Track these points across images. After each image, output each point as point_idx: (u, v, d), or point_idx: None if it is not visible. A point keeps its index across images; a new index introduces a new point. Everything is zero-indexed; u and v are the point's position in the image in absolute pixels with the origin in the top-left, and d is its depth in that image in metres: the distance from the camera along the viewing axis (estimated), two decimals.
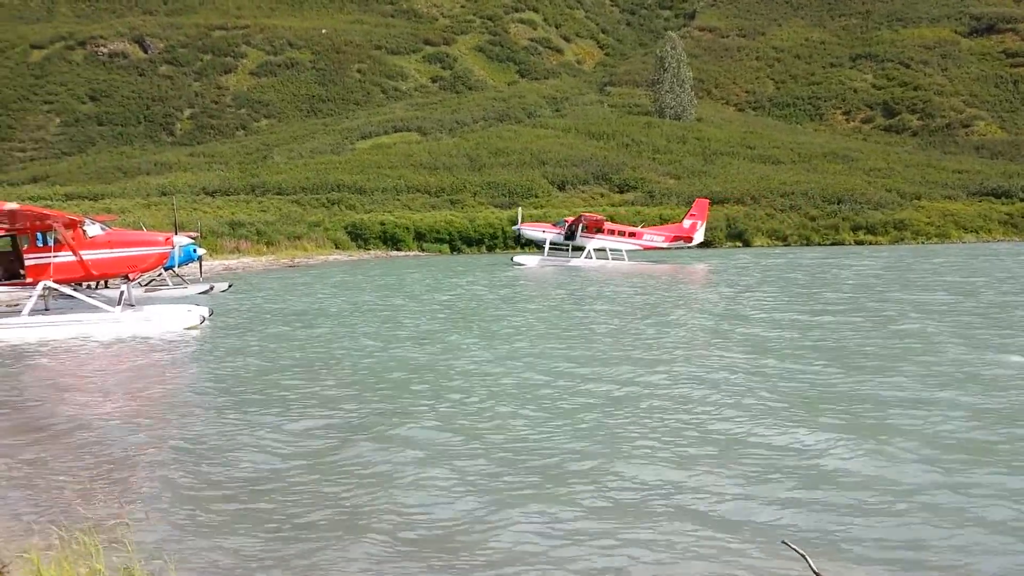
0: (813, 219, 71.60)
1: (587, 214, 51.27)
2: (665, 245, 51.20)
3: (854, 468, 8.92)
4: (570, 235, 49.14)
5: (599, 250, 48.94)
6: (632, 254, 50.08)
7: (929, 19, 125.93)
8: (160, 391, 14.55)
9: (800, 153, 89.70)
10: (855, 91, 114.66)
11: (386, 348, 17.72)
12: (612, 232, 49.87)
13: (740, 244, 69.22)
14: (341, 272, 45.24)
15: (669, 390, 12.84)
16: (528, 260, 48.61)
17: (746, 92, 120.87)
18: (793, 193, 74.52)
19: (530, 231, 51.11)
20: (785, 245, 68.50)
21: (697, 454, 9.51)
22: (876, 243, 68.30)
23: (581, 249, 48.84)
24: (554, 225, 50.53)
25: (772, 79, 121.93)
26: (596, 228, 49.23)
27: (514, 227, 53.42)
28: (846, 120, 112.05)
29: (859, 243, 68.61)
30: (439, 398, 12.64)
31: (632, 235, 50.51)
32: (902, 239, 69.40)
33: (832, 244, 68.32)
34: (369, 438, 10.45)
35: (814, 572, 5.56)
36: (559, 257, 49.52)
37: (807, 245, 68.28)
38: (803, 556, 5.55)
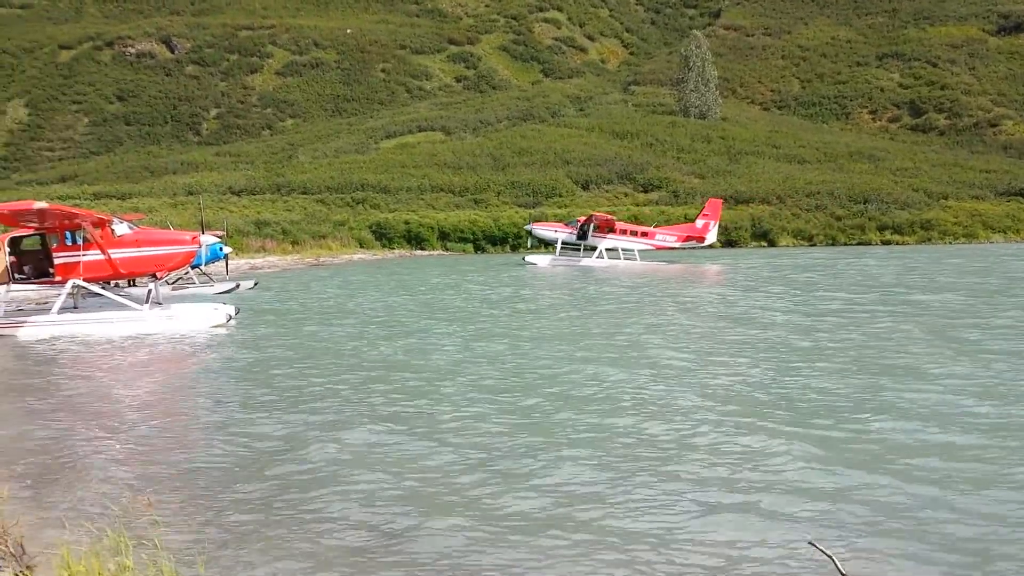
0: (839, 219, 71.05)
1: (598, 214, 51.10)
2: (677, 245, 50.89)
3: (883, 469, 8.84)
4: (582, 235, 49.03)
5: (611, 250, 48.81)
6: (644, 254, 49.90)
7: (956, 17, 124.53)
8: (187, 389, 14.67)
9: (826, 152, 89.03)
10: (882, 90, 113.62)
11: (405, 348, 17.78)
12: (624, 232, 49.68)
13: (765, 244, 68.81)
14: (362, 272, 45.44)
15: (689, 391, 12.79)
16: (540, 259, 48.57)
17: (771, 91, 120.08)
18: (819, 193, 73.97)
19: (542, 231, 51.06)
20: (811, 245, 68.02)
21: (722, 453, 9.47)
22: (903, 243, 67.68)
23: (593, 249, 48.76)
24: (566, 225, 50.44)
25: (798, 78, 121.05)
26: (608, 228, 49.05)
27: (526, 226, 53.51)
28: (872, 119, 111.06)
29: (885, 243, 68.00)
30: (469, 397, 12.66)
31: (644, 235, 50.27)
32: (929, 239, 68.71)
33: (858, 244, 67.75)
34: (396, 435, 10.48)
35: (841, 574, 5.52)
36: (570, 257, 49.43)
37: (833, 245, 67.77)
38: (830, 557, 5.50)
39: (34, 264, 21.93)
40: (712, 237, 50.75)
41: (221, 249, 32.62)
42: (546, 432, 10.58)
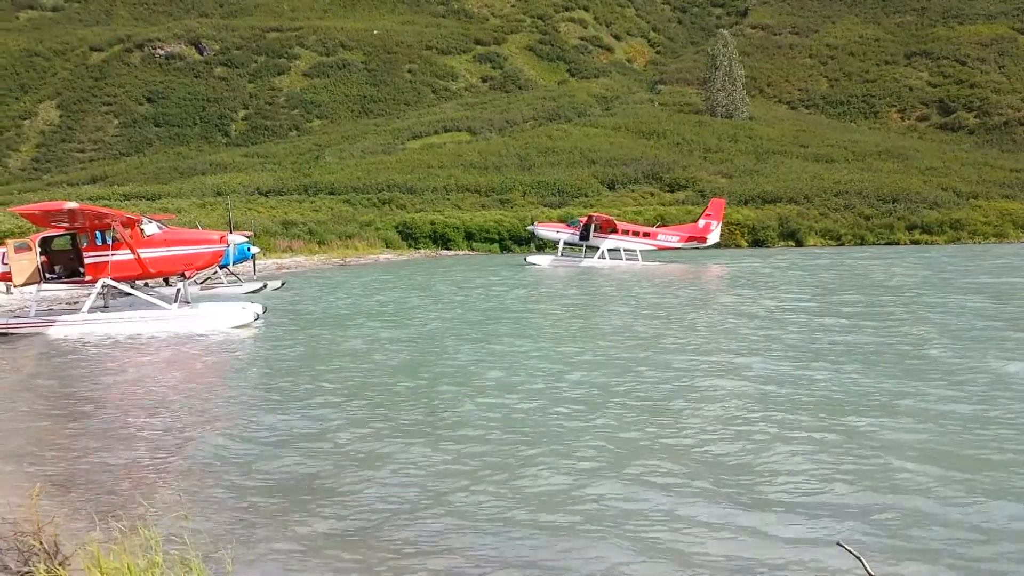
0: (868, 219, 70.39)
1: (598, 214, 50.93)
2: (679, 245, 50.54)
3: (913, 470, 8.75)
4: (584, 235, 48.91)
5: (613, 250, 48.72)
6: (647, 254, 49.67)
7: (985, 15, 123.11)
8: (215, 386, 14.78)
9: (854, 152, 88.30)
10: (910, 89, 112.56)
11: (426, 349, 17.82)
12: (626, 232, 49.46)
13: (793, 244, 68.33)
14: (386, 273, 45.61)
15: (716, 389, 12.72)
16: (541, 260, 48.58)
17: (799, 90, 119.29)
18: (847, 192, 73.36)
19: (544, 231, 51.08)
20: (839, 245, 67.46)
21: (751, 453, 9.41)
22: (932, 243, 67.00)
23: (595, 249, 48.67)
24: (568, 225, 50.37)
25: (826, 77, 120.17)
26: (609, 228, 48.90)
27: (528, 227, 53.36)
28: (901, 118, 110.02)
29: (915, 243, 67.34)
30: (495, 397, 12.66)
31: (646, 235, 50.03)
32: (958, 239, 67.94)
33: (887, 244, 67.13)
34: (423, 434, 10.50)
35: (869, 575, 5.47)
36: (571, 257, 49.37)
37: (861, 245, 67.18)
38: (858, 558, 5.46)
39: (65, 264, 22.17)
40: (715, 237, 50.29)
41: (249, 249, 32.84)
42: (575, 432, 10.56)
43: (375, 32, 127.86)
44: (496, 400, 12.44)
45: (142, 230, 21.84)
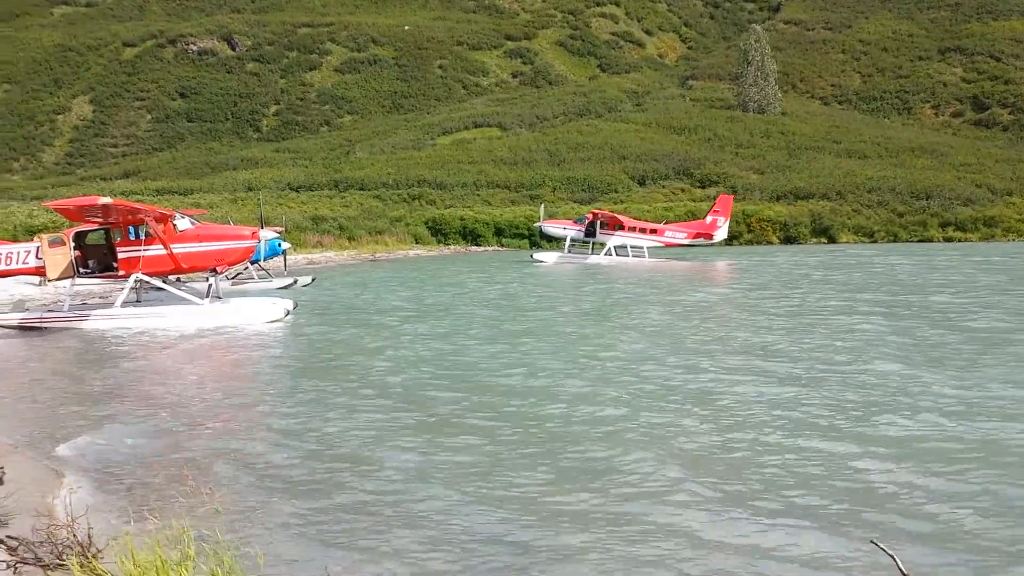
0: (901, 215, 69.61)
1: (602, 211, 50.79)
2: (687, 242, 50.12)
3: (948, 469, 8.62)
4: (590, 232, 48.77)
5: (620, 247, 48.54)
6: (654, 251, 49.37)
7: (1020, 11, 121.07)
8: (246, 381, 14.86)
9: (887, 148, 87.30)
10: (944, 85, 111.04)
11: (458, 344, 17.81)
12: (633, 229, 49.17)
13: (825, 240, 67.70)
14: (415, 268, 45.72)
15: (743, 389, 12.60)
16: (547, 257, 48.53)
17: (832, 86, 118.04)
18: (880, 189, 72.55)
19: (551, 228, 51.03)
20: (872, 241, 66.75)
21: (783, 451, 9.31)
22: (965, 240, 66.15)
23: (602, 246, 48.51)
24: (575, 222, 50.25)
25: (859, 72, 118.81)
26: (616, 225, 48.66)
27: (536, 224, 53.37)
28: (935, 114, 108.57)
29: (948, 240, 66.49)
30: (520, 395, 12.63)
31: (653, 232, 49.64)
32: (992, 236, 66.99)
33: (920, 241, 66.34)
34: (454, 431, 10.49)
35: (903, 573, 5.38)
36: (577, 254, 49.23)
37: (895, 241, 66.44)
38: (892, 557, 5.38)
39: (98, 258, 22.38)
40: (722, 234, 49.82)
41: (280, 245, 33.03)
42: (608, 432, 10.50)
43: (406, 28, 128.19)
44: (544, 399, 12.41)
45: (175, 225, 21.99)
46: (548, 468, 9.02)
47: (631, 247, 48.68)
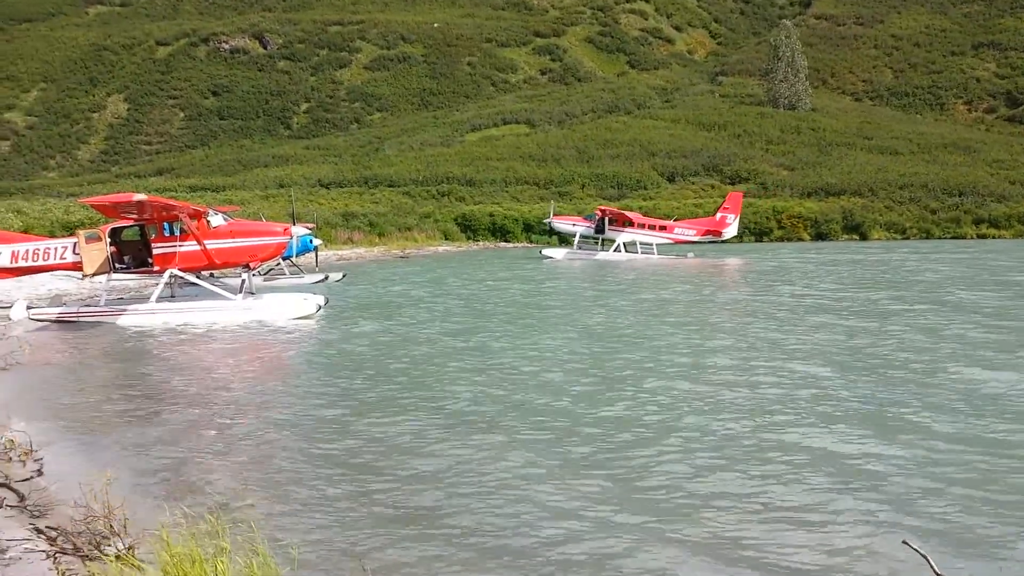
0: (933, 212, 68.87)
1: (608, 208, 50.79)
2: (696, 239, 49.92)
3: (983, 468, 8.53)
4: (599, 228, 48.82)
5: (629, 244, 48.46)
6: (664, 248, 49.19)
7: None
8: (279, 376, 14.99)
9: (920, 144, 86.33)
10: (977, 80, 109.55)
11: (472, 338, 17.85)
12: (643, 226, 49.10)
13: (857, 237, 67.08)
14: (444, 265, 45.83)
15: (769, 389, 12.54)
16: (556, 253, 48.58)
17: (863, 81, 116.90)
18: (912, 185, 71.82)
19: (561, 224, 51.30)
20: (904, 238, 66.05)
21: (814, 451, 9.26)
22: (999, 236, 65.33)
23: (612, 242, 48.46)
24: (585, 219, 50.24)
25: (891, 68, 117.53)
26: (625, 222, 48.58)
27: (545, 220, 53.49)
28: (968, 110, 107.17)
29: (981, 237, 65.69)
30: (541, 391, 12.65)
31: (663, 228, 49.48)
32: None
33: (953, 238, 65.56)
34: (480, 425, 10.53)
35: (936, 574, 5.34)
36: (586, 251, 49.24)
37: (927, 238, 65.71)
38: (925, 557, 5.34)
39: (133, 254, 22.62)
40: (732, 231, 49.52)
41: (311, 241, 33.20)
42: (633, 426, 10.50)
43: (435, 25, 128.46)
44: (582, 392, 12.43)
45: (208, 222, 22.19)
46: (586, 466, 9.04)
47: (640, 244, 48.69)
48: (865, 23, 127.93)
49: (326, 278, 32.70)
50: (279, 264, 33.63)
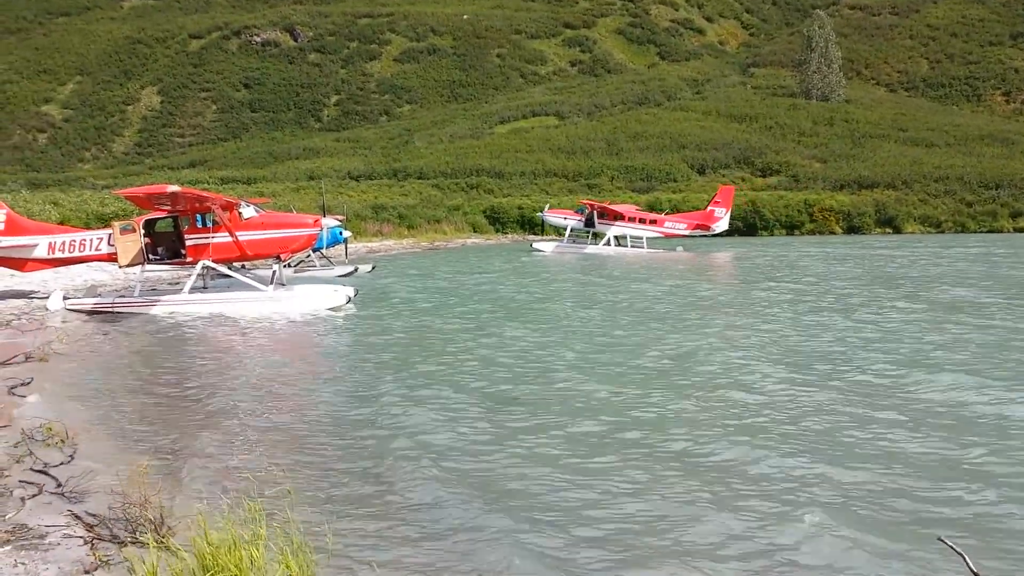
0: (969, 205, 67.84)
1: (594, 202, 51.11)
2: (687, 233, 49.88)
3: (1018, 464, 8.44)
4: (589, 222, 49.04)
5: (620, 237, 48.62)
6: (653, 242, 49.17)
7: None
8: (311, 366, 15.12)
9: (956, 136, 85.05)
10: (1016, 71, 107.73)
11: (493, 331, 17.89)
12: (633, 219, 49.19)
13: (890, 231, 66.32)
14: (473, 256, 45.91)
15: (806, 385, 12.47)
16: (546, 246, 48.83)
17: (898, 72, 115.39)
18: (948, 178, 70.81)
19: (552, 218, 51.86)
20: (939, 232, 65.22)
21: (849, 448, 9.21)
22: None
23: (602, 236, 48.64)
24: (576, 212, 50.39)
25: (926, 58, 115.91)
26: (615, 216, 48.69)
27: (539, 213, 54.11)
28: (1006, 101, 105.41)
29: (1019, 230, 64.68)
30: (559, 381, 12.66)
31: (653, 222, 49.64)
32: None
33: (989, 231, 64.63)
34: (510, 414, 10.56)
35: (972, 573, 5.29)
36: (576, 244, 49.47)
37: (962, 232, 64.84)
38: (961, 555, 5.29)
39: (167, 245, 22.86)
40: (723, 225, 49.36)
41: (341, 233, 33.38)
42: (659, 424, 10.49)
43: (465, 17, 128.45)
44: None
45: (240, 213, 22.37)
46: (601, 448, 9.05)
47: (630, 237, 48.86)
48: (900, 13, 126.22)
49: (356, 270, 32.88)
50: (309, 256, 33.84)
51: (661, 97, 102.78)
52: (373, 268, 34.57)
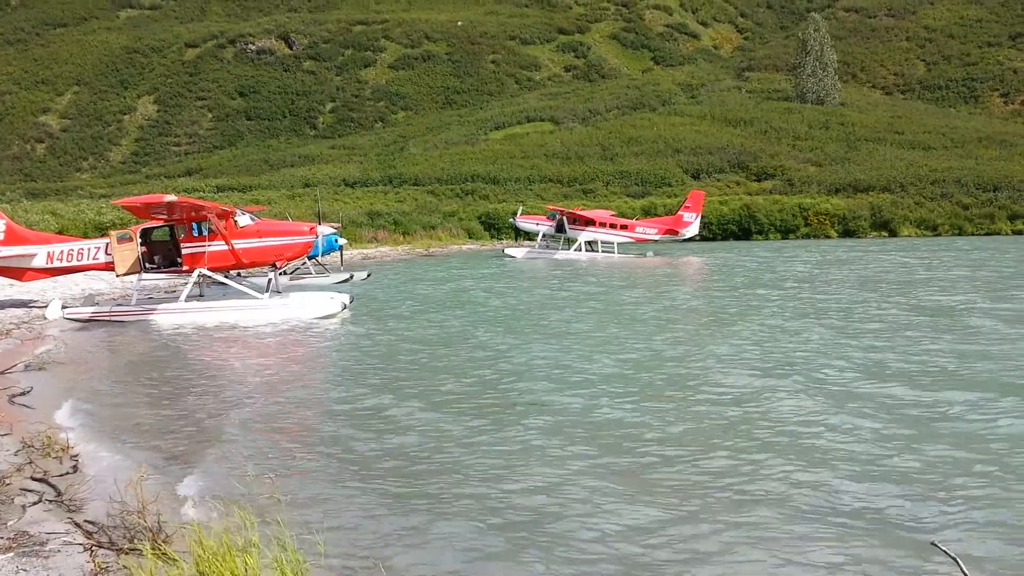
0: (966, 208, 67.76)
1: (562, 208, 51.45)
2: (657, 237, 50.11)
3: (1013, 469, 8.56)
4: (560, 228, 49.39)
5: (590, 243, 48.94)
6: (625, 247, 49.48)
7: None
8: (306, 373, 15.22)
9: (953, 138, 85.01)
10: (1014, 72, 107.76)
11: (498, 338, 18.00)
12: (603, 224, 49.45)
13: (886, 234, 66.40)
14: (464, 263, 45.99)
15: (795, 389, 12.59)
16: (517, 252, 49.27)
17: (894, 75, 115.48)
18: (944, 181, 70.79)
19: (524, 223, 52.26)
20: (935, 235, 65.30)
21: (842, 451, 9.32)
22: None
23: (574, 241, 48.99)
24: (548, 219, 50.67)
25: (923, 60, 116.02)
26: (586, 222, 49.03)
27: (511, 219, 54.37)
28: (1004, 103, 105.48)
29: (1017, 233, 64.76)
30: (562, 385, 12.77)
31: (624, 227, 49.84)
32: None
33: (987, 234, 64.73)
34: (509, 419, 10.67)
35: None
36: (546, 250, 49.74)
37: (960, 235, 64.91)
38: (955, 560, 5.38)
39: (163, 254, 22.96)
40: (693, 230, 49.65)
41: (337, 240, 33.45)
42: (673, 423, 10.60)
43: (459, 23, 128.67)
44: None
45: (236, 221, 22.48)
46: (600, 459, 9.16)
47: (601, 243, 49.18)
48: (896, 15, 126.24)
49: (351, 277, 32.95)
50: (305, 263, 33.92)
51: (656, 102, 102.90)
52: (369, 275, 34.64)
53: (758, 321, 19.40)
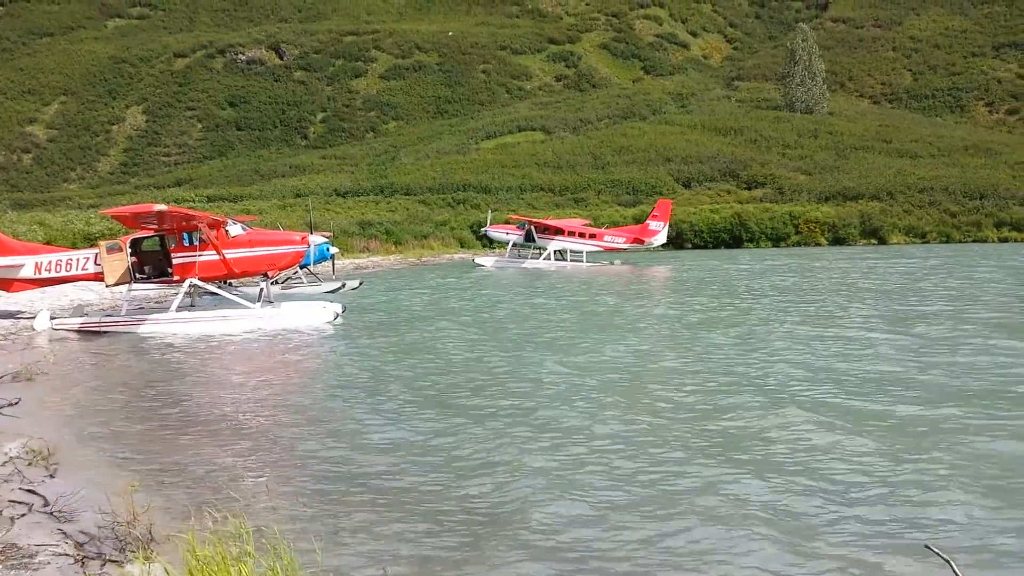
0: (954, 215, 68.32)
1: (528, 218, 52.12)
2: (625, 246, 50.62)
3: (1006, 473, 8.52)
4: (528, 237, 49.77)
5: (559, 251, 49.39)
6: (593, 255, 49.95)
7: None
8: (298, 383, 15.12)
9: (939, 147, 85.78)
10: (999, 82, 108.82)
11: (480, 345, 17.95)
12: (572, 233, 49.89)
13: (875, 242, 66.74)
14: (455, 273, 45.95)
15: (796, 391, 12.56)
16: (487, 260, 49.69)
17: (882, 84, 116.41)
18: (932, 189, 71.32)
19: (495, 233, 52.77)
20: (924, 242, 65.66)
21: (837, 454, 9.28)
22: (1022, 240, 64.85)
23: (543, 250, 49.38)
24: (519, 228, 51.06)
25: (910, 70, 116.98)
26: (555, 231, 49.49)
27: (482, 229, 54.90)
28: (989, 112, 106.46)
29: (1003, 240, 65.23)
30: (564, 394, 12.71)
31: (593, 236, 50.47)
32: None
33: (974, 241, 65.11)
34: (504, 430, 10.60)
35: None
36: (516, 259, 50.19)
37: (947, 242, 65.29)
38: (948, 561, 5.33)
39: (154, 264, 22.83)
40: (661, 239, 50.25)
41: (328, 250, 33.38)
42: (670, 431, 10.54)
43: (450, 34, 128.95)
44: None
45: (227, 231, 22.36)
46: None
47: (570, 251, 49.48)
48: (883, 25, 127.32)
49: (343, 286, 32.87)
50: (296, 273, 33.81)
51: (646, 111, 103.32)
52: (360, 284, 34.56)
53: (745, 325, 19.39)
